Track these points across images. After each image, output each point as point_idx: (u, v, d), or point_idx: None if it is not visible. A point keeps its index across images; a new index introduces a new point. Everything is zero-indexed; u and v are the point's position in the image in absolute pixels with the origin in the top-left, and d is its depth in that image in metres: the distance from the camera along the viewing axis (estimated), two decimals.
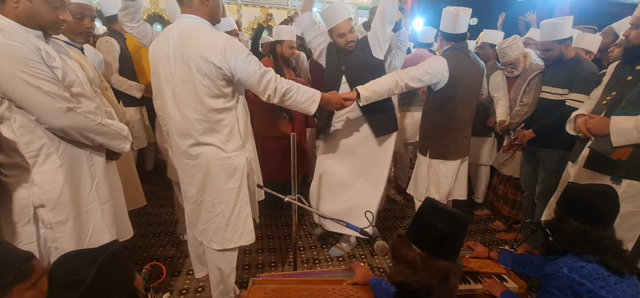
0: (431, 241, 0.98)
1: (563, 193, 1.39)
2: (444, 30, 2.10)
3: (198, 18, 1.48)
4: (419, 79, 1.99)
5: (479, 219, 3.18)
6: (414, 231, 1.04)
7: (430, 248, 0.98)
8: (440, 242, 0.98)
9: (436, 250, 0.98)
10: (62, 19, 1.26)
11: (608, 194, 1.27)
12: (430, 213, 1.01)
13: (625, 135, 1.59)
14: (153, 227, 2.81)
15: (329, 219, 1.63)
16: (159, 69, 1.53)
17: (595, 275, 1.17)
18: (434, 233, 0.98)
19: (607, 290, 1.15)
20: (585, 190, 1.30)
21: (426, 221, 1.00)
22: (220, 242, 1.69)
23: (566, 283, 1.20)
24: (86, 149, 1.37)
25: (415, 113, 3.20)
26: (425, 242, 0.99)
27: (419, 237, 1.01)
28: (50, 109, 1.19)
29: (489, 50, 2.87)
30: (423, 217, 1.03)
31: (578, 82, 2.16)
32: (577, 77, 2.17)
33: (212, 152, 1.56)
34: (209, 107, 1.48)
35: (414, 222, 1.08)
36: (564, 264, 1.23)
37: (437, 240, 0.98)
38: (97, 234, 1.42)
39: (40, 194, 1.26)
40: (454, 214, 1.02)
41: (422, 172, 2.28)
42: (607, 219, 1.26)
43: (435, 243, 0.98)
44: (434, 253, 0.98)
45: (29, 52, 1.14)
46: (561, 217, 1.32)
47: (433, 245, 0.98)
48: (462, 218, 1.02)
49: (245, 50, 1.46)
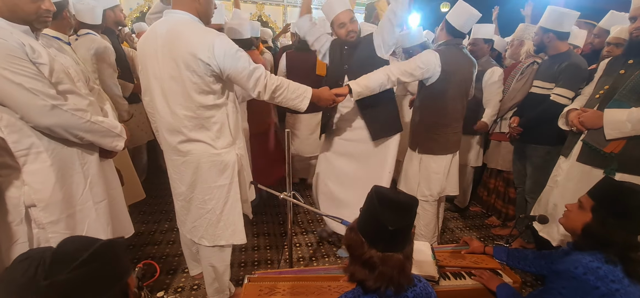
0: (386, 238, 0.95)
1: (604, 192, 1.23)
2: (452, 23, 2.06)
3: (187, 14, 1.45)
4: (411, 74, 1.98)
5: (474, 215, 3.21)
6: (366, 228, 1.00)
7: (385, 246, 0.96)
8: (395, 237, 0.96)
9: (391, 246, 0.96)
10: (44, 8, 1.23)
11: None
12: (382, 211, 0.95)
13: (619, 127, 1.60)
14: (148, 225, 2.79)
15: (324, 216, 1.62)
16: (147, 66, 1.51)
17: (611, 278, 1.10)
18: (386, 232, 0.94)
19: (621, 293, 1.09)
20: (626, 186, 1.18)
21: (377, 219, 0.96)
22: (211, 238, 1.68)
23: (578, 285, 1.14)
24: (78, 148, 1.35)
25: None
26: (379, 241, 0.96)
27: (372, 235, 0.97)
28: (33, 106, 1.16)
29: (483, 45, 2.79)
30: (374, 215, 0.97)
31: (563, 76, 2.14)
32: (563, 71, 2.15)
33: (202, 149, 1.55)
34: (198, 104, 1.47)
35: (365, 218, 1.01)
36: (579, 264, 1.15)
37: (392, 236, 0.95)
38: (92, 234, 1.40)
39: (31, 194, 1.24)
40: (404, 205, 0.98)
41: (413, 168, 2.28)
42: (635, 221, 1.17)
43: (390, 240, 0.96)
44: (389, 249, 0.96)
45: (11, 48, 1.11)
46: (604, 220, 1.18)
47: (388, 243, 0.96)
48: (412, 207, 1.00)
49: (235, 47, 1.43)
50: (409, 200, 1.01)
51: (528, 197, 2.45)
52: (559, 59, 2.19)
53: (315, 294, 1.42)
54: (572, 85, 2.10)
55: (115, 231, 1.56)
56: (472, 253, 1.74)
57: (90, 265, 0.71)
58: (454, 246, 1.83)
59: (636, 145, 1.59)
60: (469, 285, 1.55)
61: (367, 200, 1.02)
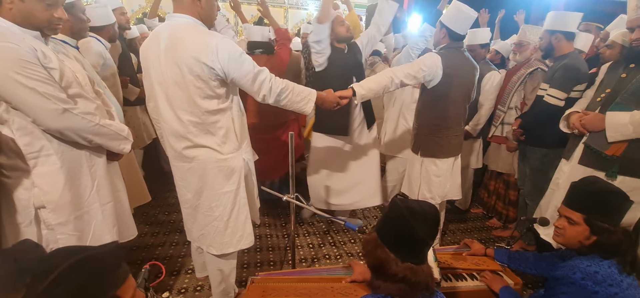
0: (420, 252, 0.95)
1: (587, 201, 1.24)
2: (450, 26, 2.06)
3: (189, 17, 1.44)
4: (414, 76, 2.01)
5: (475, 216, 3.21)
6: (396, 243, 0.96)
7: (418, 260, 0.95)
8: (423, 247, 0.96)
9: (422, 258, 0.96)
10: (57, 16, 1.26)
11: (619, 191, 1.22)
12: (416, 225, 0.93)
13: (621, 130, 1.61)
14: (152, 226, 2.81)
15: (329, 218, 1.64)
16: (150, 71, 1.50)
17: (609, 281, 1.12)
18: (423, 245, 0.94)
19: (620, 297, 1.11)
20: (604, 189, 1.23)
21: (413, 234, 0.93)
22: (219, 247, 1.67)
23: (577, 290, 1.16)
24: (86, 150, 1.37)
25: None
26: (413, 255, 0.94)
27: (405, 250, 0.94)
28: (46, 110, 1.19)
29: (480, 51, 2.78)
30: (408, 229, 0.94)
31: (556, 77, 2.13)
32: (557, 71, 2.14)
33: (208, 155, 1.54)
34: (203, 109, 1.46)
35: (394, 232, 0.97)
36: (577, 269, 1.17)
37: (423, 246, 0.95)
38: (98, 235, 1.43)
39: (40, 195, 1.26)
40: (432, 215, 0.97)
41: (415, 171, 2.30)
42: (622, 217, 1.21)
43: (420, 250, 0.95)
44: (421, 261, 0.96)
45: (24, 53, 1.14)
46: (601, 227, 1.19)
47: (421, 255, 0.96)
48: (437, 214, 0.99)
49: (239, 50, 1.43)
50: (433, 209, 1.00)
51: (527, 199, 2.46)
52: (561, 60, 2.19)
53: (318, 295, 1.44)
54: (564, 86, 2.09)
55: (120, 232, 1.58)
56: (474, 255, 1.75)
57: (68, 278, 0.67)
58: (456, 248, 1.85)
59: (638, 148, 1.61)
60: (470, 287, 1.57)
61: (394, 214, 0.98)
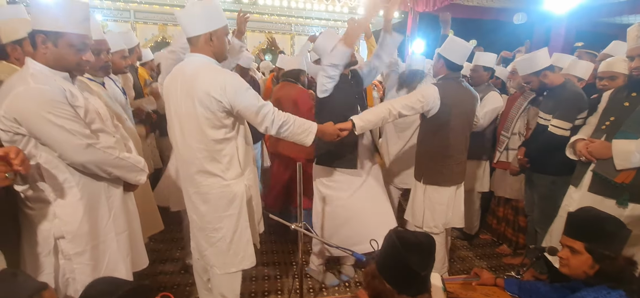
0: (418, 283, 0.98)
1: (585, 229, 1.26)
2: (447, 57, 2.14)
3: (204, 57, 1.61)
4: (412, 107, 2.06)
5: (484, 243, 3.17)
6: (392, 275, 0.99)
7: (417, 290, 0.99)
8: (425, 279, 1.00)
9: (423, 288, 1.00)
10: (85, 59, 1.36)
11: (614, 218, 1.25)
12: (409, 256, 0.96)
13: (628, 158, 1.62)
14: (159, 254, 2.83)
15: (335, 247, 1.65)
16: (170, 103, 1.66)
17: None
18: (418, 277, 0.96)
19: None
20: (599, 216, 1.25)
21: (406, 265, 0.96)
22: (222, 266, 1.76)
23: None
24: (104, 182, 1.44)
25: None
26: (410, 286, 0.98)
27: (401, 281, 0.98)
28: (72, 145, 1.27)
29: (482, 73, 2.83)
30: (401, 261, 0.97)
31: (560, 108, 2.17)
32: (559, 103, 2.19)
33: (212, 180, 1.66)
34: (210, 138, 1.59)
35: (389, 264, 1.00)
36: None
37: (422, 280, 0.98)
38: (113, 264, 1.47)
39: (60, 226, 1.32)
40: (426, 246, 1.01)
41: (418, 198, 2.31)
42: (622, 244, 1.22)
43: (422, 283, 0.99)
44: (421, 292, 1.00)
45: (54, 94, 1.24)
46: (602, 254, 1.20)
47: (421, 286, 0.99)
48: (432, 245, 1.02)
49: (245, 85, 1.58)
50: (428, 240, 1.03)
51: (536, 227, 2.45)
52: (556, 91, 2.24)
53: None
54: (569, 117, 2.13)
55: (133, 262, 1.61)
56: (483, 285, 1.73)
57: None
58: (465, 277, 1.83)
59: None
60: None
61: (389, 245, 1.02)
